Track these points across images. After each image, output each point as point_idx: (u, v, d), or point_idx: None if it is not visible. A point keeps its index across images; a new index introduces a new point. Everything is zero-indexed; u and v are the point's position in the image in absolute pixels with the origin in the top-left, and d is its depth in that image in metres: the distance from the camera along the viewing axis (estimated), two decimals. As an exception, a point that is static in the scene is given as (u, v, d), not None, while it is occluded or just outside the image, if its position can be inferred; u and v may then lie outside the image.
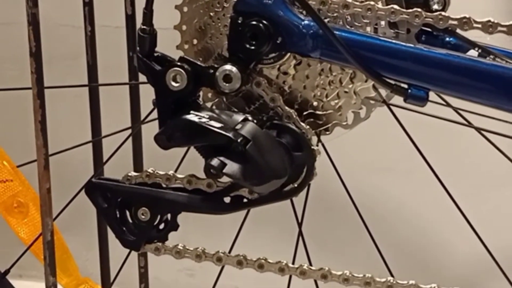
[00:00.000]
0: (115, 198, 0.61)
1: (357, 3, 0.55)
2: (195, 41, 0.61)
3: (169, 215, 0.61)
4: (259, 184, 0.54)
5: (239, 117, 0.54)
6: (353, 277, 0.58)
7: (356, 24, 0.57)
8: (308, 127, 0.57)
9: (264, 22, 0.54)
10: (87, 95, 0.83)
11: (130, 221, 0.61)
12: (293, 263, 0.60)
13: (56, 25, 1.08)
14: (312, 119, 0.61)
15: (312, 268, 0.58)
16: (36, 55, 0.64)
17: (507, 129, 0.67)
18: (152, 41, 0.56)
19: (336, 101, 0.61)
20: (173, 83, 0.55)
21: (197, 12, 0.61)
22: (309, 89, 0.60)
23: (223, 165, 0.53)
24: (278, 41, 0.55)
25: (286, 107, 0.57)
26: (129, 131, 0.78)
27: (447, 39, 0.66)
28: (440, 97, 0.63)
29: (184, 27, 0.61)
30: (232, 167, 0.53)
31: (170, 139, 0.55)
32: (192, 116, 0.54)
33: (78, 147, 0.76)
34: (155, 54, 0.57)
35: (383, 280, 0.58)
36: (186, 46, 0.62)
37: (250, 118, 0.55)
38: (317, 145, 0.61)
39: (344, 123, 0.62)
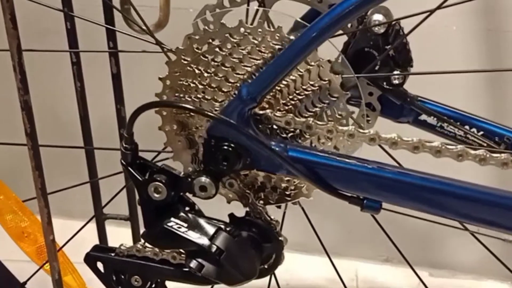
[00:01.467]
0: (110, 267, 0.66)
1: (319, 124, 0.57)
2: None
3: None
4: (231, 284, 0.59)
5: (213, 228, 0.58)
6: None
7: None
8: (276, 221, 0.62)
9: (233, 146, 0.56)
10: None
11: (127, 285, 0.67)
12: None
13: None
14: (281, 196, 0.65)
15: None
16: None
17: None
18: (133, 154, 0.59)
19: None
20: (155, 194, 0.59)
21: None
22: (278, 179, 0.64)
23: (201, 267, 0.58)
24: (247, 162, 0.57)
25: (257, 205, 0.61)
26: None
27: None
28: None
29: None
30: (208, 269, 0.58)
31: (155, 243, 0.60)
32: (173, 225, 0.59)
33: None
34: (138, 162, 0.60)
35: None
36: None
37: (223, 227, 0.59)
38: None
39: (310, 198, 0.66)
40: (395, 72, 0.68)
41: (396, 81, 0.69)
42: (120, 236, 0.88)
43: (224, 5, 0.71)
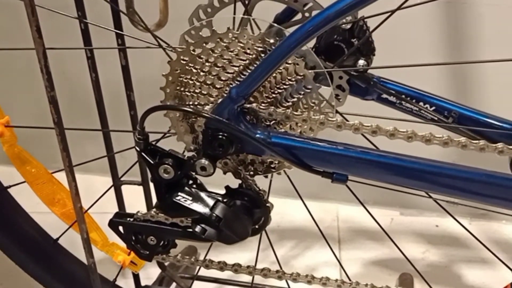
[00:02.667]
0: (130, 230, 0.77)
1: (296, 114, 0.67)
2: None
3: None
4: (228, 244, 0.70)
5: (212, 200, 0.68)
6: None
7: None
8: (263, 190, 0.72)
9: (226, 136, 0.66)
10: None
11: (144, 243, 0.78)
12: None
13: None
14: (267, 168, 0.75)
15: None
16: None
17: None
18: (146, 143, 0.68)
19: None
20: (165, 175, 0.69)
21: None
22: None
23: (204, 231, 0.69)
24: (238, 147, 0.67)
25: (248, 178, 0.71)
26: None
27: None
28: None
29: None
30: (210, 233, 0.69)
31: (166, 213, 0.70)
32: (180, 198, 0.69)
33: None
34: (149, 148, 0.69)
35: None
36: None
37: (220, 199, 0.69)
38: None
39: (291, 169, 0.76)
40: (360, 62, 0.77)
41: (361, 65, 0.77)
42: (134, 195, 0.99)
43: (215, 4, 0.79)
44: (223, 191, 0.72)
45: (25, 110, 1.32)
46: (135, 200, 0.95)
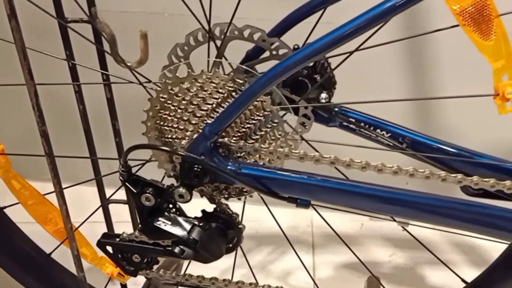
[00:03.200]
0: (116, 249, 0.83)
1: (263, 147, 0.73)
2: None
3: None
4: (204, 263, 0.76)
5: (189, 225, 0.75)
6: None
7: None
8: (236, 214, 0.78)
9: (201, 168, 0.72)
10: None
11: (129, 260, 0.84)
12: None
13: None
14: (240, 192, 0.81)
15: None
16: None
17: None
18: (129, 174, 0.74)
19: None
20: (146, 202, 0.75)
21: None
22: (237, 183, 0.80)
23: (182, 251, 0.75)
24: (212, 177, 0.73)
25: (222, 203, 0.78)
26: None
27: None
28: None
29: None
30: (187, 253, 0.75)
31: (148, 236, 0.76)
32: (160, 223, 0.75)
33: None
34: (132, 178, 0.75)
35: None
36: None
37: (197, 223, 0.75)
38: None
39: (262, 192, 0.82)
40: (322, 95, 0.83)
41: (323, 100, 0.84)
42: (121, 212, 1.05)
43: (191, 43, 0.85)
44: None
45: (16, 128, 1.37)
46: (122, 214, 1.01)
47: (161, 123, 0.78)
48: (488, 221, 0.73)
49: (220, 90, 0.74)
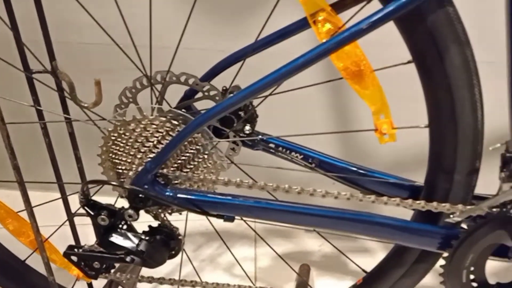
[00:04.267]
0: (80, 258, 0.96)
1: (195, 176, 0.87)
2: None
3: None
4: (151, 268, 0.90)
5: (137, 239, 0.89)
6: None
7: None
8: (176, 227, 0.92)
9: (145, 195, 0.86)
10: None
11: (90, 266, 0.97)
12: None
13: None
14: (180, 208, 0.95)
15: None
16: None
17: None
18: (87, 201, 0.87)
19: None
20: (102, 222, 0.88)
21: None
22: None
23: (133, 260, 0.89)
24: (154, 201, 0.87)
25: (165, 219, 0.92)
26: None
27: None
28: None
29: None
30: (137, 261, 0.89)
31: (104, 248, 0.90)
32: (114, 238, 0.88)
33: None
34: (90, 203, 0.88)
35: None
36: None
37: (144, 238, 0.89)
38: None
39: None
40: (246, 127, 0.97)
41: (247, 131, 0.98)
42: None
43: (137, 87, 0.97)
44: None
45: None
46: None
47: (113, 156, 0.91)
48: (375, 227, 0.89)
49: (160, 130, 0.88)
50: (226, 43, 1.31)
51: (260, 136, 1.01)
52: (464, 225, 0.88)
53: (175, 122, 0.87)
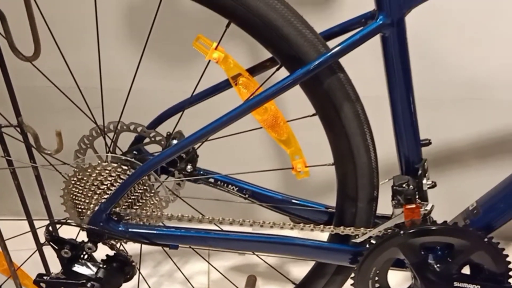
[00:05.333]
0: (48, 285, 1.07)
1: (143, 213, 1.00)
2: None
3: (74, 287, 1.09)
4: (109, 292, 1.03)
5: (96, 267, 1.01)
6: None
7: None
8: (130, 256, 1.05)
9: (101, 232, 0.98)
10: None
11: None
12: None
13: None
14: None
15: None
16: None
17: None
18: (52, 238, 0.99)
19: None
20: (65, 255, 1.00)
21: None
22: (129, 234, 1.06)
23: (93, 285, 1.01)
24: (109, 235, 0.99)
25: (119, 249, 1.04)
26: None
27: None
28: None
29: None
30: (97, 286, 1.01)
31: (68, 277, 1.02)
32: (76, 268, 1.01)
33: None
34: (55, 238, 1.00)
35: None
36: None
37: (101, 266, 1.01)
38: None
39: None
40: (188, 167, 1.10)
41: (189, 170, 1.11)
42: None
43: (94, 135, 1.10)
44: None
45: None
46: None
47: (73, 197, 1.03)
48: (296, 248, 1.03)
49: (112, 174, 1.00)
50: (174, 83, 1.45)
51: (200, 175, 1.15)
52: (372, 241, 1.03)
53: (125, 168, 1.00)
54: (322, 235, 1.03)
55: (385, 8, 0.82)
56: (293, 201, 1.13)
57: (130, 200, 1.02)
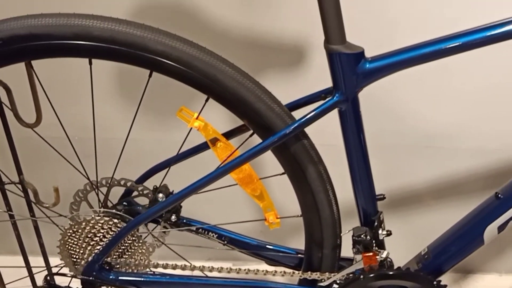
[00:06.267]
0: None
1: (132, 262, 1.08)
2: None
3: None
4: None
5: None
6: None
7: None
8: (119, 299, 1.13)
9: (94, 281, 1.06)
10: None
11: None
12: None
13: None
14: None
15: None
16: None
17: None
18: (48, 283, 1.07)
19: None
20: (60, 299, 1.08)
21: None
22: (119, 279, 1.14)
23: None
24: (101, 282, 1.07)
25: (110, 294, 1.12)
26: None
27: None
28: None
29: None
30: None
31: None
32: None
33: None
34: (52, 286, 1.08)
35: None
36: (64, 263, 1.13)
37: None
38: None
39: (137, 281, 1.17)
40: (172, 217, 1.19)
41: (173, 220, 1.20)
42: None
43: (87, 189, 1.18)
44: None
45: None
46: None
47: (69, 247, 1.11)
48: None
49: (104, 227, 1.09)
50: (162, 133, 1.54)
51: (183, 223, 1.23)
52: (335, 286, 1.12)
53: (116, 221, 1.09)
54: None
55: (341, 88, 0.93)
56: (267, 246, 1.23)
57: (119, 251, 1.11)
